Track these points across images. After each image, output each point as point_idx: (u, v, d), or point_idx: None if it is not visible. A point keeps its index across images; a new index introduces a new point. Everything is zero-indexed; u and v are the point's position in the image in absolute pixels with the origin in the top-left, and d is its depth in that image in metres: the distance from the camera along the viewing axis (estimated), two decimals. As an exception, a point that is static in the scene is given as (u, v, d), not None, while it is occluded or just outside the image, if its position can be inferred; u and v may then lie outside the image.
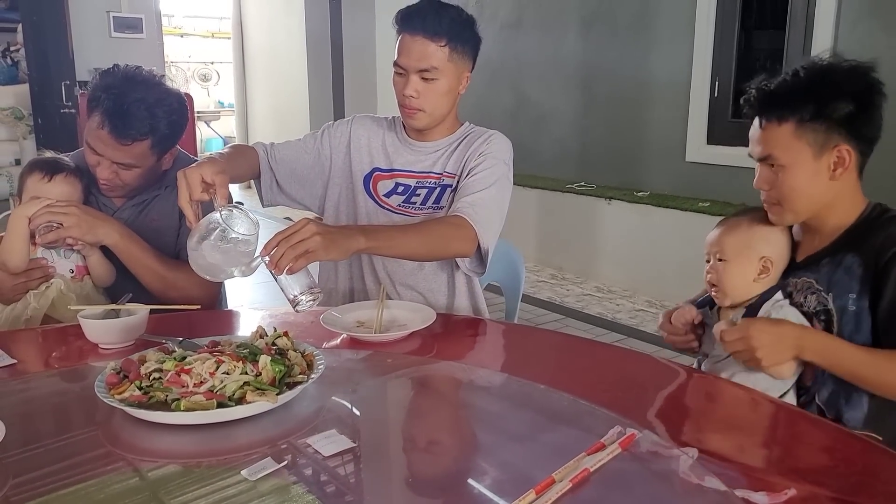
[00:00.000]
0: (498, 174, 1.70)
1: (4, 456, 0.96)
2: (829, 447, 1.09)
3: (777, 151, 1.31)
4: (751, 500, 0.87)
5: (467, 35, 1.71)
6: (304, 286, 1.25)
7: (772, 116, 1.31)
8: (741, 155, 4.34)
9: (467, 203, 1.61)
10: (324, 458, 0.97)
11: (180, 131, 1.76)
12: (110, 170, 1.68)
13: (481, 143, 1.75)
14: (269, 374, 1.09)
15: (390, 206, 1.79)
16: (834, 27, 3.87)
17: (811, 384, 1.34)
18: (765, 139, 1.33)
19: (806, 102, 1.29)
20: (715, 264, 1.41)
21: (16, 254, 1.57)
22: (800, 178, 1.31)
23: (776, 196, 1.34)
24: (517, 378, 1.26)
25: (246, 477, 0.91)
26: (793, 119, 1.29)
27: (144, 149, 1.67)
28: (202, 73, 12.22)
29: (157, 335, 1.37)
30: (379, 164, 1.82)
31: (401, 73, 1.70)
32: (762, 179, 1.36)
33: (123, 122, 1.62)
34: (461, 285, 1.82)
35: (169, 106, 1.69)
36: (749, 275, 1.38)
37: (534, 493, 0.86)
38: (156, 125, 1.66)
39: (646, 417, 1.10)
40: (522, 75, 5.76)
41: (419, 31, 1.65)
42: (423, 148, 1.80)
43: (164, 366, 1.10)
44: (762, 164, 1.36)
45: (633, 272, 4.60)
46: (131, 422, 1.05)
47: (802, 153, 1.30)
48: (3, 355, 1.33)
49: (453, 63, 1.68)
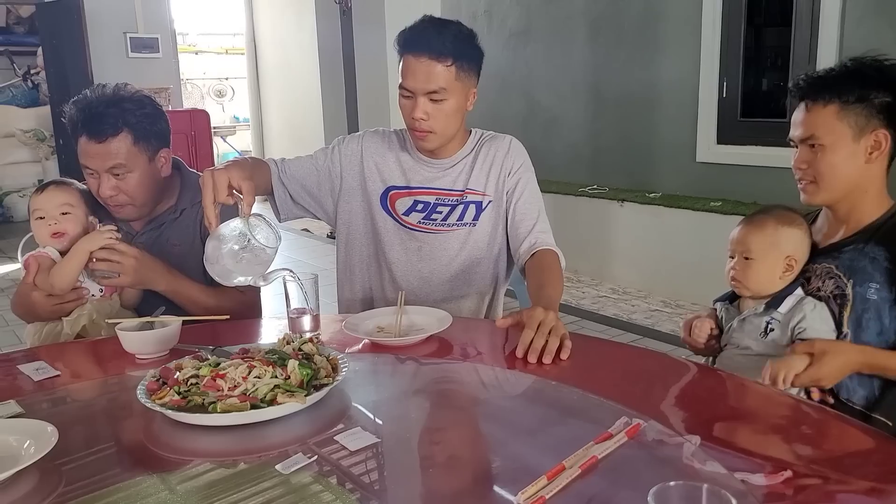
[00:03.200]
0: (534, 185, 1.83)
1: (58, 461, 1.03)
2: (826, 432, 1.15)
3: (820, 131, 1.40)
4: (749, 482, 0.93)
5: (471, 51, 1.71)
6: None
7: (818, 98, 1.41)
8: (752, 154, 4.43)
9: (541, 229, 1.77)
10: (350, 452, 1.04)
11: (158, 124, 1.78)
12: (109, 184, 1.72)
13: (505, 157, 1.81)
14: (297, 378, 1.16)
15: (410, 223, 1.81)
16: (839, 24, 3.90)
17: None
18: (809, 120, 1.42)
19: (850, 86, 1.39)
20: (740, 262, 1.48)
21: (67, 281, 1.66)
22: (838, 157, 1.40)
23: (813, 174, 1.43)
24: (529, 375, 1.32)
25: (280, 471, 0.99)
26: (837, 101, 1.39)
27: (127, 145, 1.71)
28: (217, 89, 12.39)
29: (188, 344, 1.45)
30: (394, 181, 1.83)
31: (408, 95, 1.68)
32: (801, 159, 1.45)
33: (97, 121, 1.69)
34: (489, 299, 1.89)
35: (137, 101, 1.74)
36: (775, 273, 1.46)
37: (545, 478, 0.93)
38: (126, 118, 1.70)
39: (651, 409, 1.16)
40: (532, 82, 5.83)
41: (424, 52, 1.64)
42: (440, 164, 1.82)
43: (200, 372, 1.18)
44: (803, 145, 1.45)
45: (647, 273, 4.64)
46: (170, 425, 1.13)
47: (843, 134, 1.39)
48: (46, 367, 1.41)
49: (460, 81, 1.68)
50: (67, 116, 1.74)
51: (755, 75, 4.56)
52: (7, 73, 8.72)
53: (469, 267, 1.82)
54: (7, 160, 7.87)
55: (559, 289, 1.64)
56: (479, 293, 1.85)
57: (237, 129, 12.07)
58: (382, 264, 1.85)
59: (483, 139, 1.85)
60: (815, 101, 1.42)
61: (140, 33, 7.61)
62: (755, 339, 1.48)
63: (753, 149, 4.38)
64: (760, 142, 4.36)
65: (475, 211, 1.80)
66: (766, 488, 0.92)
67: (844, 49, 3.87)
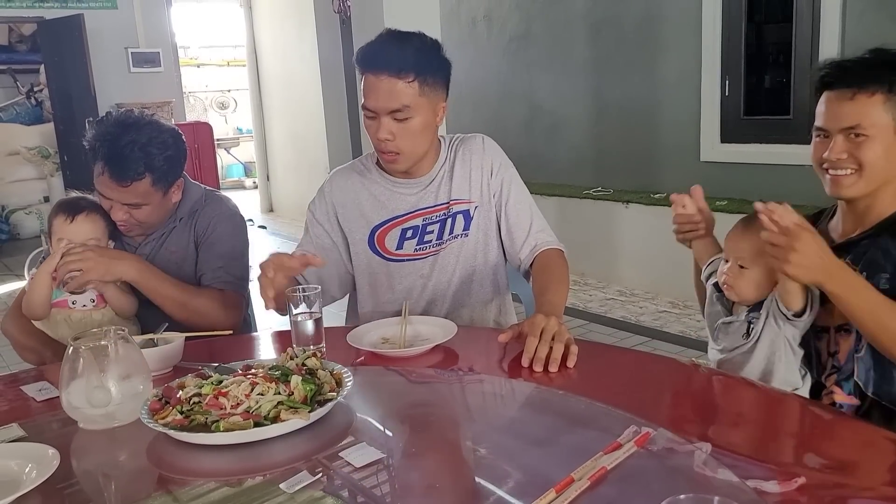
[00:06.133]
0: (518, 181, 1.80)
1: (60, 484, 1.02)
2: (840, 436, 1.13)
3: (866, 122, 1.36)
4: (762, 490, 0.92)
5: (435, 64, 1.63)
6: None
7: (866, 87, 1.36)
8: (756, 152, 4.41)
9: (538, 228, 1.75)
10: (355, 468, 1.02)
11: (178, 165, 1.80)
12: (122, 211, 1.74)
13: (482, 157, 1.77)
14: (300, 393, 1.15)
15: (405, 255, 1.76)
16: (841, 19, 3.89)
17: (845, 362, 1.39)
18: (853, 110, 1.37)
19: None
20: (734, 268, 1.44)
21: (39, 307, 1.70)
22: (882, 148, 1.36)
23: (852, 165, 1.38)
24: (536, 385, 1.31)
25: (284, 490, 0.97)
26: (885, 91, 1.35)
27: (146, 187, 1.72)
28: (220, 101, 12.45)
29: (191, 362, 1.44)
30: (375, 219, 1.76)
31: (371, 116, 1.61)
32: (840, 148, 1.39)
33: (120, 166, 1.68)
34: (494, 307, 1.86)
35: (163, 143, 1.74)
36: (767, 281, 1.41)
37: (554, 492, 0.91)
38: (151, 163, 1.70)
39: (660, 416, 1.14)
40: (534, 86, 5.82)
41: (384, 69, 1.56)
42: (418, 183, 1.76)
43: (202, 390, 1.16)
44: (842, 134, 1.39)
45: (654, 274, 4.62)
46: (174, 445, 1.12)
47: (887, 126, 1.36)
48: (49, 387, 1.40)
49: (425, 97, 1.60)
50: (88, 139, 1.74)
51: (757, 73, 4.54)
52: (11, 92, 8.77)
53: (467, 277, 1.79)
54: (13, 178, 7.90)
55: (563, 291, 1.62)
56: (482, 302, 1.83)
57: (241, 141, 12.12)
58: (396, 295, 1.79)
59: (454, 144, 1.80)
60: (861, 90, 1.37)
61: (141, 48, 7.66)
62: (739, 341, 1.46)
63: (757, 147, 4.36)
64: (764, 139, 4.34)
65: (464, 220, 1.76)
66: (781, 496, 0.90)
67: (847, 44, 3.85)
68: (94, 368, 1.18)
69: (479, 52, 6.05)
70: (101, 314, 1.74)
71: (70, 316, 1.72)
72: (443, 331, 1.53)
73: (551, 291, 1.59)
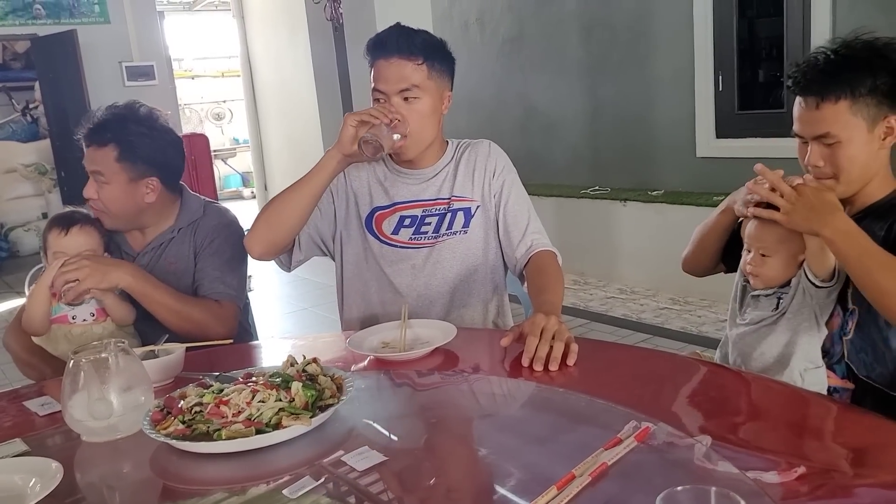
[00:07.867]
0: (519, 185, 1.82)
1: (64, 498, 1.02)
2: (839, 425, 1.14)
3: (835, 128, 1.37)
4: (762, 480, 0.92)
5: (442, 55, 1.71)
6: None
7: (828, 95, 1.36)
8: (751, 147, 4.42)
9: (534, 230, 1.77)
10: (358, 473, 1.03)
11: (152, 152, 1.80)
12: (91, 187, 1.79)
13: (487, 160, 1.81)
14: (301, 400, 1.15)
15: (400, 241, 1.79)
16: (831, 11, 3.90)
17: (832, 344, 1.42)
18: (821, 118, 1.38)
19: (861, 78, 1.35)
20: (756, 258, 1.47)
21: (38, 322, 1.69)
22: (856, 150, 1.37)
23: (831, 171, 1.40)
24: (536, 383, 1.31)
25: (288, 496, 0.98)
26: (848, 96, 1.35)
27: (109, 158, 1.76)
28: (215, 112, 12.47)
29: (192, 372, 1.45)
30: (379, 202, 1.81)
31: (381, 98, 1.68)
32: (817, 156, 1.40)
33: (92, 130, 1.78)
34: (493, 307, 1.87)
35: (140, 122, 1.79)
36: (788, 267, 1.45)
37: (555, 489, 0.92)
38: (118, 133, 1.76)
39: (660, 411, 1.14)
40: (528, 87, 5.83)
41: (394, 53, 1.65)
42: (422, 174, 1.80)
43: (203, 399, 1.17)
44: (815, 142, 1.40)
45: (654, 271, 4.63)
46: (177, 455, 1.12)
47: (858, 127, 1.36)
48: (52, 402, 1.40)
49: (433, 81, 1.68)
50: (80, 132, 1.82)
51: (750, 67, 4.55)
52: (6, 109, 8.76)
53: (467, 276, 1.80)
54: (10, 195, 7.92)
55: (560, 291, 1.63)
56: (481, 302, 1.84)
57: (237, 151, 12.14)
58: (383, 286, 1.82)
59: (461, 147, 1.85)
60: (825, 99, 1.36)
61: (135, 62, 7.66)
62: (769, 312, 1.48)
63: (753, 141, 4.37)
64: (760, 133, 4.35)
65: (464, 218, 1.79)
66: (781, 486, 0.91)
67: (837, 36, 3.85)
68: (96, 381, 1.19)
69: (472, 55, 6.06)
70: (102, 327, 1.74)
71: (70, 331, 1.72)
72: (442, 333, 1.53)
73: (549, 291, 1.60)
